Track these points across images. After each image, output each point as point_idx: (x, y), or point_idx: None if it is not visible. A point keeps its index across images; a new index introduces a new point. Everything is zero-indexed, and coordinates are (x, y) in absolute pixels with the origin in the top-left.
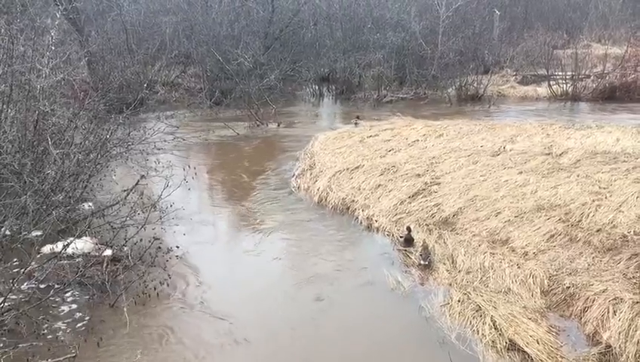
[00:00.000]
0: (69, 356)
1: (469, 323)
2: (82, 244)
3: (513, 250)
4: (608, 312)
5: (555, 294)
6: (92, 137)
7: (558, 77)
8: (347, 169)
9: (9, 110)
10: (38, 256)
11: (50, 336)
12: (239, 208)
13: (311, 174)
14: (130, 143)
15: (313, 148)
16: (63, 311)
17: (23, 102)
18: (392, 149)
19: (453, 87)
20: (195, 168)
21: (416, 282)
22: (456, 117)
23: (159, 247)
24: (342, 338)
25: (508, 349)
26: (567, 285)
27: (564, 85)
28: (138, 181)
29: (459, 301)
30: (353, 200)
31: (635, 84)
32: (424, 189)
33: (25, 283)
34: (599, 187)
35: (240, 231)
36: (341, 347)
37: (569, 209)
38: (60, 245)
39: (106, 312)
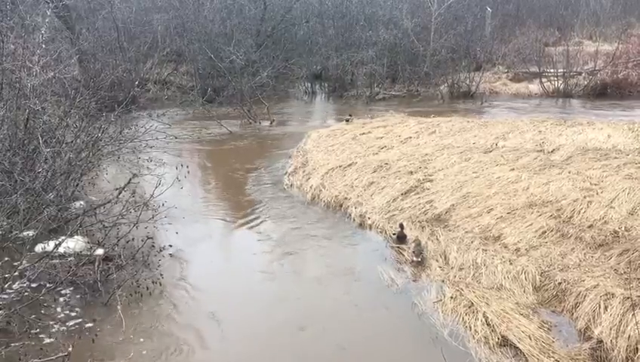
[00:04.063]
0: (61, 355)
1: (461, 319)
2: (74, 243)
3: (505, 247)
4: (599, 308)
5: (546, 290)
6: (83, 135)
7: (549, 74)
8: (340, 166)
9: None
10: (30, 255)
11: (42, 336)
12: (232, 206)
13: (304, 172)
14: (121, 141)
15: (306, 146)
16: (55, 310)
17: (14, 101)
18: (385, 146)
19: (446, 85)
20: (187, 166)
21: (409, 279)
22: (449, 114)
23: (152, 246)
24: (335, 335)
25: (500, 345)
26: (559, 281)
27: (556, 82)
28: (130, 179)
29: (451, 297)
30: (346, 198)
31: (626, 80)
32: (417, 186)
33: (16, 283)
34: (590, 183)
35: (232, 229)
36: (335, 343)
37: (561, 205)
38: (51, 244)
39: (99, 311)
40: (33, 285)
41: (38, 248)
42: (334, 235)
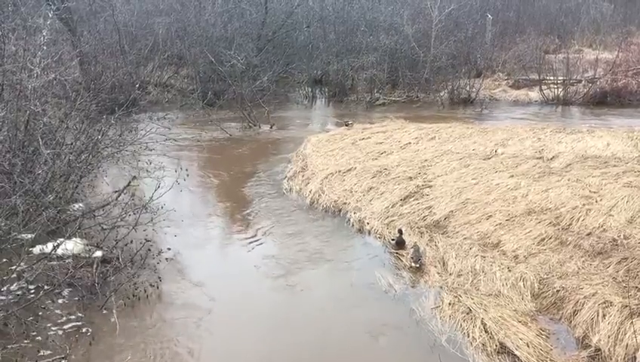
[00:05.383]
0: (58, 357)
1: (459, 326)
2: (72, 245)
3: (504, 253)
4: (598, 316)
5: (545, 297)
6: (83, 138)
7: (549, 81)
8: (339, 171)
9: None
10: (28, 256)
11: (39, 337)
12: (231, 210)
13: (303, 176)
14: (121, 144)
15: (305, 151)
16: (53, 312)
17: (14, 102)
18: (385, 152)
19: (446, 91)
20: (187, 169)
21: (408, 284)
22: (449, 120)
23: (149, 249)
24: (333, 340)
25: (498, 352)
26: (558, 288)
27: (556, 90)
28: (129, 182)
29: (450, 304)
30: (345, 203)
31: (626, 89)
32: (416, 192)
33: (14, 284)
34: (590, 191)
35: (231, 232)
36: (333, 348)
37: (560, 213)
38: (50, 246)
39: (96, 314)
40: (31, 287)
41: (37, 250)
42: (333, 240)
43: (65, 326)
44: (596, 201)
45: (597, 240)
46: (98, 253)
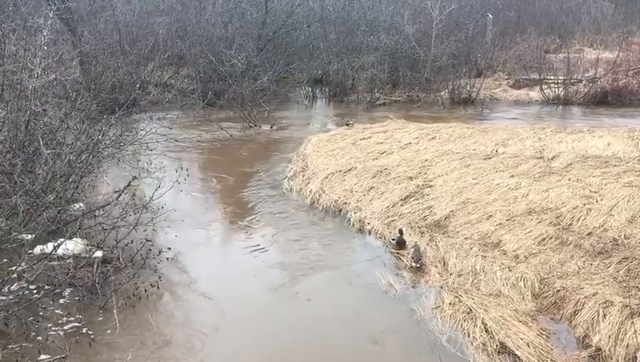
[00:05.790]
0: (59, 357)
1: (460, 326)
2: (73, 245)
3: (504, 253)
4: (598, 315)
5: (545, 297)
6: (84, 138)
7: (550, 81)
8: (340, 171)
9: (0, 110)
10: (28, 256)
11: (39, 337)
12: (231, 210)
13: (303, 176)
14: (122, 144)
15: (306, 150)
16: (54, 312)
17: (15, 102)
18: (385, 152)
19: (446, 91)
20: (187, 169)
21: (408, 284)
22: (449, 120)
23: (150, 249)
24: (333, 341)
25: (499, 352)
26: (558, 288)
27: (556, 89)
28: (130, 182)
29: (450, 304)
30: (345, 203)
31: (627, 88)
32: (416, 192)
33: (15, 284)
34: (590, 191)
35: (232, 232)
36: (332, 349)
37: (560, 212)
38: (50, 246)
39: (97, 314)
40: (32, 287)
41: (37, 250)
42: (333, 240)
43: (65, 327)
44: (597, 201)
45: (597, 239)
46: (98, 253)
